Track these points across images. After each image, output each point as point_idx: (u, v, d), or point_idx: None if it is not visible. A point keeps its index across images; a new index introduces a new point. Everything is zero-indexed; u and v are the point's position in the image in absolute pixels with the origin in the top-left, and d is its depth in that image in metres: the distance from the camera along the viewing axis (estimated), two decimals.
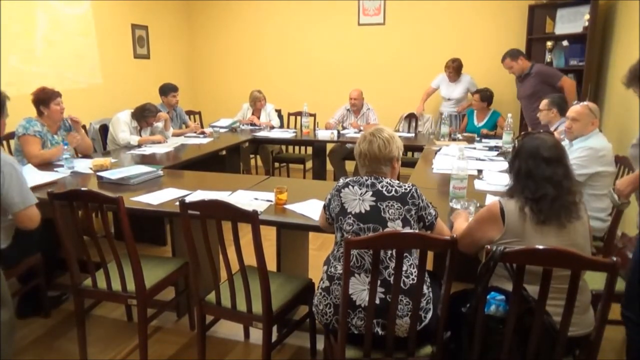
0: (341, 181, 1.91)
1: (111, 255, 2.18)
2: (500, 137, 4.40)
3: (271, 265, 2.53)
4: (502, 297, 1.63)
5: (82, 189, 2.13)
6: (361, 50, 6.09)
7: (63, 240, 2.17)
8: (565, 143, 2.99)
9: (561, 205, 1.65)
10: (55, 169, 3.19)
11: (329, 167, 5.37)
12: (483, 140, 4.53)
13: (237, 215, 1.86)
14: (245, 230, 1.90)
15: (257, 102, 5.56)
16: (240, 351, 2.51)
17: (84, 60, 5.03)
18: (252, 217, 1.83)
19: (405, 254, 1.74)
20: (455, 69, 5.15)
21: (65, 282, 2.69)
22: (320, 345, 2.35)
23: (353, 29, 6.05)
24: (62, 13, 4.72)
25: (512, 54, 4.43)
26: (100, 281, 2.25)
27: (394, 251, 1.69)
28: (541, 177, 1.67)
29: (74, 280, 2.26)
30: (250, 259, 1.98)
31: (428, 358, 1.76)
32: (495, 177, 2.98)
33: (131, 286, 2.20)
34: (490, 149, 4.05)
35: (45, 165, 3.26)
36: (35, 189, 2.54)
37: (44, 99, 3.29)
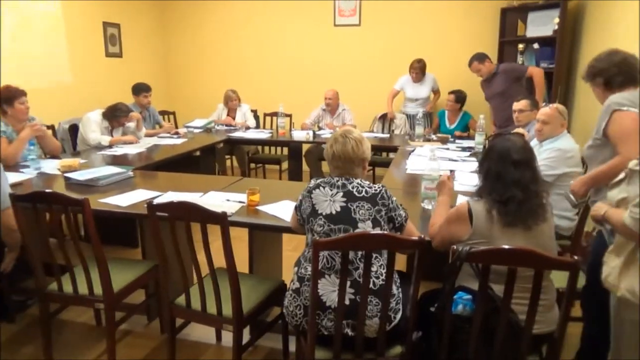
0: (312, 182, 1.90)
1: (79, 258, 2.12)
2: (473, 138, 4.46)
3: (245, 267, 2.52)
4: (469, 296, 1.65)
5: (46, 190, 2.08)
6: (337, 51, 6.09)
7: (26, 243, 2.11)
8: (534, 143, 3.05)
9: (528, 208, 1.67)
10: (21, 170, 3.10)
11: (305, 167, 5.35)
12: (457, 141, 4.58)
13: (206, 217, 1.84)
14: (218, 233, 1.87)
15: (229, 101, 5.51)
16: (212, 354, 2.48)
17: (53, 59, 4.90)
18: (220, 219, 1.81)
19: (375, 255, 1.75)
20: (421, 69, 5.24)
21: (31, 286, 2.61)
22: (293, 346, 2.34)
23: (329, 30, 6.06)
24: (30, 10, 4.59)
25: (479, 57, 4.52)
26: (67, 285, 2.19)
27: (364, 252, 1.69)
28: (510, 180, 1.68)
29: (39, 284, 2.20)
30: (222, 261, 1.96)
31: (398, 358, 1.76)
32: (467, 177, 3.02)
33: (98, 289, 2.15)
34: (464, 149, 4.10)
35: (11, 165, 3.16)
36: None
37: (7, 97, 3.18)
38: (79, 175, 2.85)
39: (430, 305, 1.76)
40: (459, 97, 5.01)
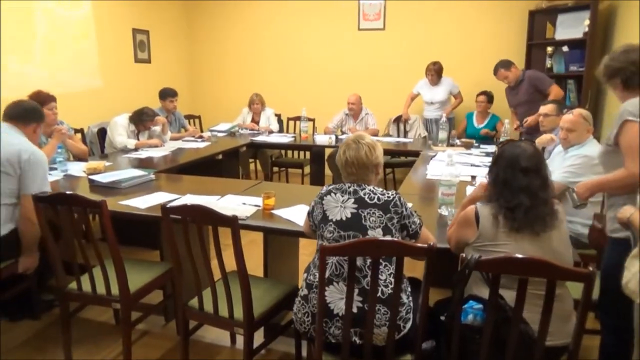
0: (324, 188, 1.89)
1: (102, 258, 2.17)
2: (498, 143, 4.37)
3: (262, 270, 2.54)
4: (480, 306, 1.60)
5: (67, 192, 2.14)
6: (361, 55, 6.08)
7: (47, 243, 2.18)
8: (559, 150, 2.96)
9: (536, 215, 1.65)
10: (49, 172, 3.19)
11: (328, 172, 5.35)
12: (481, 146, 4.48)
13: (217, 219, 1.86)
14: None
15: (251, 105, 5.56)
16: (226, 356, 2.50)
17: (84, 64, 5.07)
18: (231, 222, 1.83)
19: (385, 263, 1.72)
20: (436, 72, 5.15)
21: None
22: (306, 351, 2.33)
23: (353, 34, 6.05)
24: (62, 16, 4.76)
25: (504, 65, 4.42)
26: (85, 284, 2.25)
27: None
28: (517, 186, 1.67)
29: (59, 283, 2.26)
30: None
31: None
32: None
33: (115, 290, 2.20)
34: (487, 154, 4.01)
35: None
36: None
37: (37, 103, 3.29)
38: (102, 178, 2.92)
39: (443, 313, 1.73)
40: (490, 97, 4.95)
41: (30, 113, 2.68)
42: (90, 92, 5.14)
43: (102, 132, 4.47)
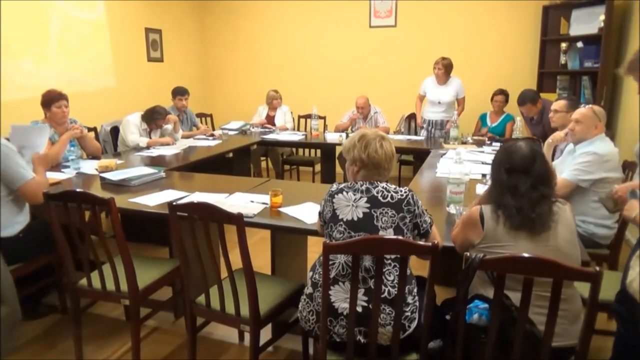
0: (334, 187, 1.85)
1: (111, 255, 2.20)
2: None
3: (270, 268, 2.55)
4: (485, 305, 1.59)
5: (77, 189, 2.17)
6: (372, 53, 6.06)
7: (57, 240, 2.21)
8: (570, 148, 2.91)
9: (526, 216, 1.62)
10: (61, 170, 3.26)
11: (339, 170, 5.34)
12: (493, 143, 4.43)
13: (223, 217, 1.87)
14: (247, 234, 1.90)
15: (273, 100, 5.60)
16: (234, 353, 2.51)
17: (98, 64, 5.13)
18: (236, 220, 1.84)
19: (394, 264, 1.70)
20: (445, 67, 4.80)
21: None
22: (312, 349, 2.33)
23: (364, 31, 6.03)
24: (76, 17, 4.82)
25: (532, 99, 4.18)
26: (95, 280, 2.28)
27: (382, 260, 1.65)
28: (504, 187, 1.68)
29: (69, 279, 2.30)
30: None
31: None
32: None
33: (124, 286, 2.22)
34: None
35: (54, 165, 3.33)
36: None
37: (46, 101, 3.34)
38: (113, 176, 2.96)
39: (450, 312, 1.72)
40: (507, 96, 4.85)
41: None
42: (103, 91, 5.21)
43: (115, 131, 4.52)
